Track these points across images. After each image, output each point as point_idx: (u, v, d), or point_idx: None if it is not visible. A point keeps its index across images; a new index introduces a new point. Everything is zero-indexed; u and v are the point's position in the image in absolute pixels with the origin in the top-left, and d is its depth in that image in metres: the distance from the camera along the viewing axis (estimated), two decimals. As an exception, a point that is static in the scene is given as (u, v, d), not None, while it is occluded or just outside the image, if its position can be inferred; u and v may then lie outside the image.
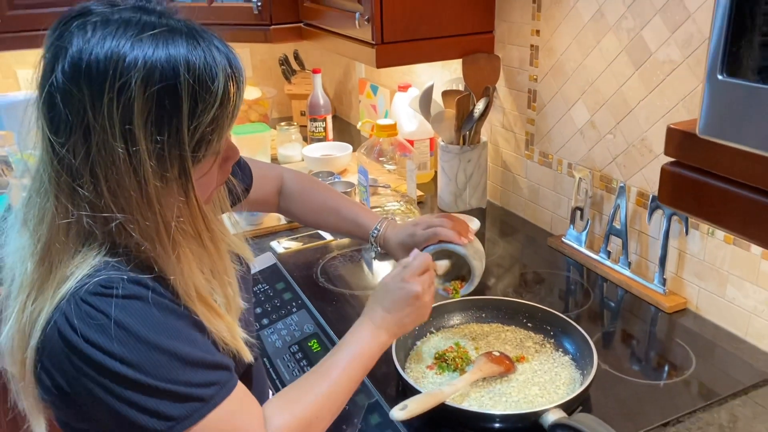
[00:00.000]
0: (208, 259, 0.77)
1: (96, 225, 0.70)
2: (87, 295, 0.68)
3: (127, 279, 0.69)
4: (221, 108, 0.70)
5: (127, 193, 0.68)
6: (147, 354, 0.68)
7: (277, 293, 1.35)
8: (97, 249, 0.71)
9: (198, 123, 0.68)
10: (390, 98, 2.14)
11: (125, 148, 0.66)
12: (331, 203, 1.21)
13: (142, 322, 0.68)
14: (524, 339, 1.15)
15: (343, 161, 2.00)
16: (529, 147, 1.63)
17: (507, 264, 1.50)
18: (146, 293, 0.70)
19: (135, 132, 0.66)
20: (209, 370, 0.73)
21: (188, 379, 0.70)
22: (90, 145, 0.66)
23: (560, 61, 1.46)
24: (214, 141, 0.71)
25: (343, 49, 1.66)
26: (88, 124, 0.66)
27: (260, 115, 2.43)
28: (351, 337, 0.90)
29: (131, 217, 0.69)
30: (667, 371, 1.10)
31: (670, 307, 1.24)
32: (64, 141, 0.67)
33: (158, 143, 0.67)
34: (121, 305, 0.68)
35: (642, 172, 1.32)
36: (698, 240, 1.21)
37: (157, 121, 0.67)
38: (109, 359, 0.67)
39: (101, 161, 0.67)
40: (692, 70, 1.16)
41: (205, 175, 0.74)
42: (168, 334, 0.70)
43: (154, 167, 0.68)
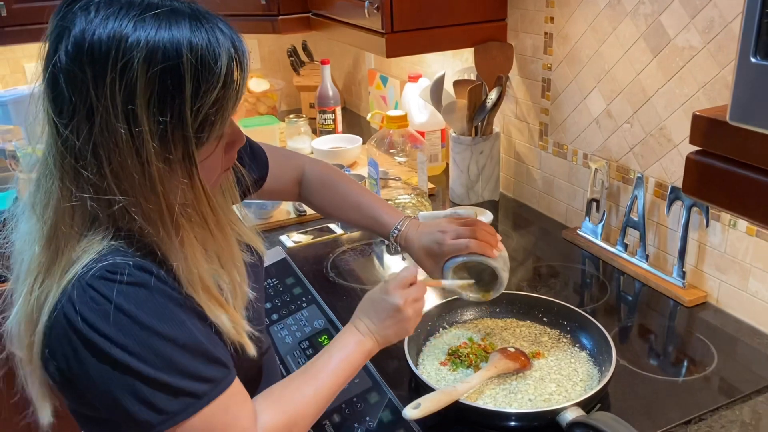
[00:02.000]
0: (214, 244, 0.76)
1: (100, 208, 0.69)
2: (92, 280, 0.68)
3: (133, 264, 0.69)
4: (224, 89, 0.69)
5: (130, 174, 0.67)
6: (147, 342, 0.68)
7: (286, 288, 1.32)
8: (103, 233, 0.71)
9: (201, 104, 0.68)
10: (400, 89, 2.10)
11: (128, 129, 0.66)
12: (352, 198, 1.15)
13: (145, 309, 0.68)
14: (540, 334, 1.12)
15: (352, 154, 1.97)
16: (543, 137, 1.59)
17: (521, 257, 1.47)
18: (151, 280, 0.69)
19: (137, 112, 0.65)
20: (208, 364, 0.72)
21: (186, 372, 0.70)
22: (93, 126, 0.66)
23: (575, 49, 1.43)
24: (217, 123, 0.70)
25: (352, 39, 1.62)
26: (91, 104, 0.65)
27: (269, 107, 2.41)
28: (337, 343, 0.89)
29: (134, 200, 0.68)
30: (688, 367, 1.07)
31: (690, 300, 1.21)
32: (67, 122, 0.66)
33: (161, 124, 0.66)
34: (125, 292, 0.68)
35: (660, 162, 1.28)
36: (719, 232, 1.18)
37: (159, 102, 0.66)
38: (110, 345, 0.67)
39: (104, 142, 0.66)
40: (713, 56, 1.12)
41: (209, 159, 0.74)
42: (170, 324, 0.69)
43: (156, 148, 0.67)
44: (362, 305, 0.94)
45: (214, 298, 0.75)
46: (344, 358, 0.86)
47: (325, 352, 0.88)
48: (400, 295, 0.91)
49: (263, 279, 0.99)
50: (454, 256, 1.01)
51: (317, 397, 0.83)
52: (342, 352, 0.87)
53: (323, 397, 0.84)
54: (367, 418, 0.97)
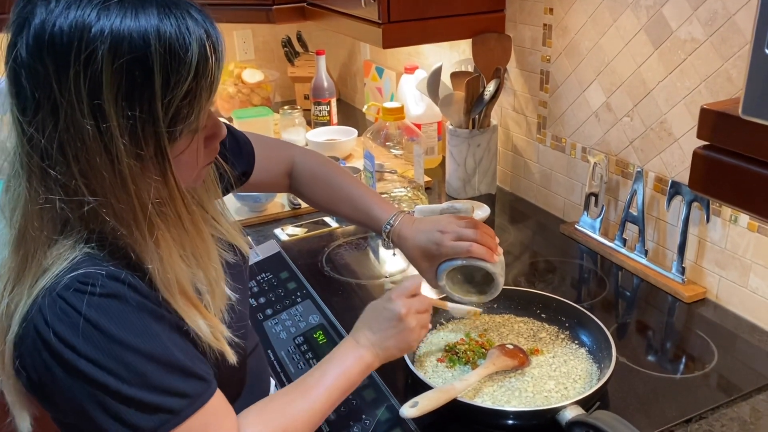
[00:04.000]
0: (189, 243, 0.73)
1: (70, 210, 0.66)
2: (63, 291, 0.65)
3: (106, 274, 0.66)
4: (197, 80, 0.65)
5: (99, 173, 0.64)
6: (119, 357, 0.65)
7: (281, 282, 1.30)
8: (75, 237, 0.68)
9: (172, 96, 0.63)
10: (396, 81, 2.08)
11: (95, 125, 0.62)
12: (343, 191, 1.11)
13: (118, 322, 0.65)
14: (538, 330, 1.10)
15: (348, 146, 1.95)
16: (541, 131, 1.57)
17: (518, 251, 1.45)
18: (124, 291, 0.66)
19: (104, 107, 0.62)
20: (184, 379, 0.69)
21: (161, 387, 0.67)
22: (58, 123, 0.62)
23: (575, 41, 1.41)
24: (191, 116, 0.66)
25: (348, 29, 1.60)
26: (55, 100, 0.62)
27: (262, 98, 2.38)
28: (334, 356, 0.86)
29: (104, 200, 0.65)
30: (688, 364, 1.06)
31: (689, 296, 1.20)
32: (31, 119, 0.63)
33: (130, 119, 0.63)
34: (97, 304, 0.65)
35: (660, 156, 1.26)
36: (719, 227, 1.16)
37: (127, 96, 0.62)
38: (80, 359, 0.64)
39: (70, 140, 0.63)
40: (716, 49, 1.10)
41: (185, 154, 0.70)
42: (144, 337, 0.66)
43: (126, 145, 0.63)
44: (363, 315, 0.91)
45: (191, 302, 0.72)
46: (341, 373, 0.83)
47: (321, 365, 0.85)
48: (403, 304, 0.88)
49: (247, 279, 0.95)
50: (452, 259, 0.98)
51: (310, 413, 0.80)
52: (339, 366, 0.84)
53: (316, 413, 0.80)
54: (363, 416, 0.95)
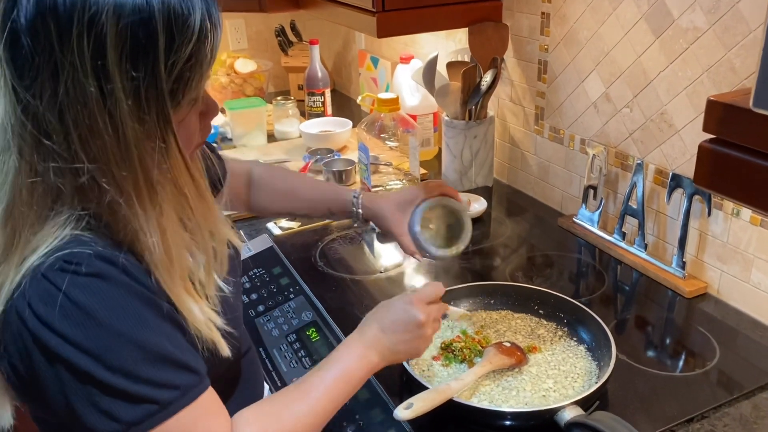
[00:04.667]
0: (193, 212, 0.70)
1: (64, 181, 0.63)
2: (48, 271, 0.62)
3: (94, 254, 0.63)
4: (199, 44, 0.63)
5: (101, 138, 0.61)
6: (103, 342, 0.61)
7: (273, 278, 1.28)
8: (66, 215, 0.65)
9: (175, 59, 0.62)
10: (391, 71, 2.04)
11: (98, 87, 0.60)
12: (303, 186, 1.18)
13: (105, 304, 0.62)
14: (536, 327, 1.08)
15: (342, 137, 1.91)
16: (538, 122, 1.54)
17: (514, 245, 1.42)
18: (112, 271, 0.63)
19: (108, 68, 0.60)
20: (174, 370, 0.66)
21: (148, 376, 0.63)
22: (58, 87, 0.60)
23: (573, 30, 1.37)
24: (192, 82, 0.65)
25: (342, 17, 1.56)
26: (56, 62, 0.59)
27: (256, 89, 2.34)
28: (338, 355, 0.82)
29: (105, 168, 0.62)
30: (689, 361, 1.04)
31: (690, 291, 1.17)
32: (29, 84, 0.60)
33: (134, 80, 0.61)
34: (83, 284, 0.62)
35: (661, 148, 1.23)
36: (721, 221, 1.14)
37: (131, 57, 0.60)
38: (63, 344, 0.61)
39: (71, 103, 0.60)
40: (719, 37, 1.07)
41: (183, 124, 0.68)
42: (131, 322, 0.63)
43: (130, 107, 0.61)
44: (375, 313, 0.87)
45: (185, 287, 0.69)
46: (345, 372, 0.80)
47: (324, 364, 0.81)
48: (424, 311, 0.85)
49: (240, 274, 0.92)
50: (425, 200, 1.04)
51: (310, 416, 0.76)
52: (343, 366, 0.80)
53: (317, 415, 0.76)
54: (356, 416, 0.93)
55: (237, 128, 1.97)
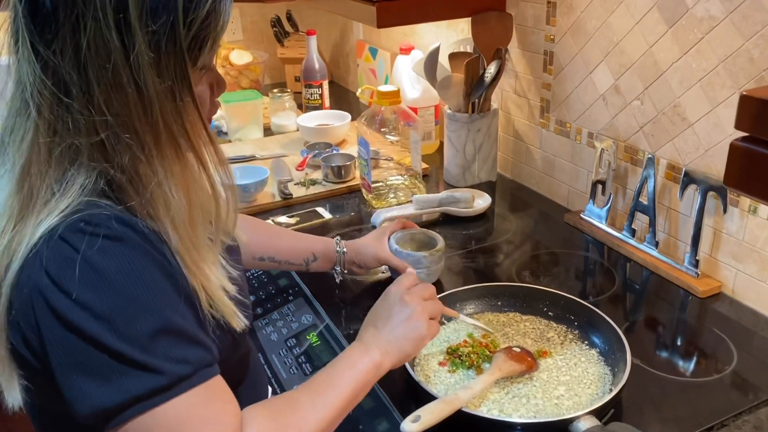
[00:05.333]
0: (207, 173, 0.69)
1: (83, 139, 0.62)
2: (66, 232, 0.61)
3: (113, 216, 0.62)
4: (215, 5, 0.64)
5: (123, 92, 0.61)
6: (121, 306, 0.59)
7: (271, 279, 1.23)
8: (84, 176, 0.63)
9: (194, 17, 0.63)
10: (391, 62, 1.99)
11: (120, 40, 0.60)
12: (284, 232, 1.21)
13: (123, 268, 0.60)
14: (545, 330, 1.04)
15: (341, 131, 1.86)
16: (544, 115, 1.49)
17: (520, 242, 1.38)
18: (133, 236, 0.62)
19: (131, 21, 0.60)
20: (188, 345, 0.63)
21: (161, 347, 0.61)
22: (80, 41, 0.60)
23: (581, 19, 1.32)
24: (207, 42, 0.65)
25: (340, 7, 1.51)
26: (78, 15, 0.59)
27: (251, 81, 2.28)
28: (343, 359, 0.80)
29: (128, 121, 0.62)
30: (705, 366, 1.00)
31: (704, 291, 1.13)
32: (50, 39, 0.60)
33: (155, 34, 0.61)
34: (102, 247, 0.60)
35: (673, 142, 1.19)
36: (737, 218, 1.10)
37: (152, 11, 0.61)
38: (75, 307, 0.59)
39: (93, 58, 0.60)
40: (737, 27, 1.02)
41: (197, 90, 0.67)
42: (150, 289, 0.61)
43: (152, 60, 0.61)
44: (366, 318, 0.87)
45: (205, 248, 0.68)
46: (351, 375, 0.77)
47: (331, 367, 0.79)
48: (401, 288, 0.85)
49: (241, 262, 0.89)
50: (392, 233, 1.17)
51: (321, 417, 0.73)
52: (345, 365, 0.78)
53: (327, 421, 0.73)
54: (360, 427, 0.89)
55: (232, 122, 1.92)
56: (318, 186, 1.61)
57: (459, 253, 1.33)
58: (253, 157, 1.78)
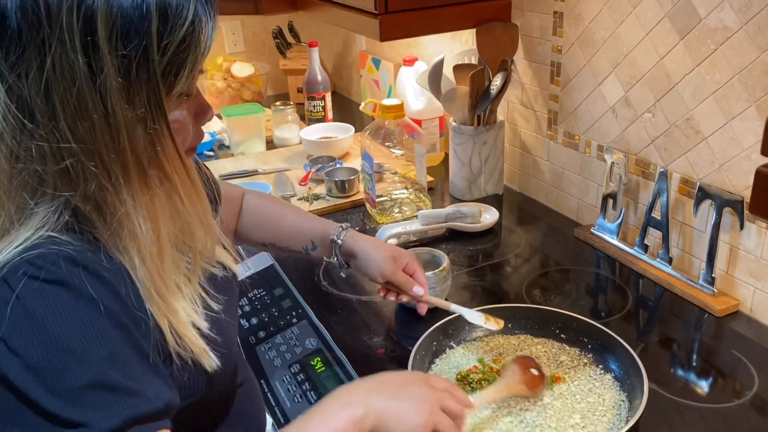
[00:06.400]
0: (183, 204, 0.66)
1: (47, 167, 0.60)
2: (8, 273, 0.58)
3: (64, 257, 0.59)
4: (192, 29, 0.61)
5: (89, 119, 0.59)
6: (49, 354, 0.56)
7: (274, 300, 1.20)
8: (47, 206, 0.61)
9: (169, 41, 0.60)
10: (394, 73, 1.96)
11: (87, 63, 0.57)
12: (289, 212, 1.10)
13: (57, 313, 0.58)
14: (558, 353, 1.00)
15: (344, 144, 1.83)
16: (551, 127, 1.46)
17: (528, 257, 1.35)
18: (79, 280, 0.59)
19: (99, 44, 0.57)
20: (123, 398, 0.58)
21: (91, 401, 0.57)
22: (45, 62, 0.57)
23: (589, 30, 1.29)
24: (185, 68, 0.62)
25: (342, 20, 1.48)
26: (44, 37, 0.57)
27: (253, 93, 2.26)
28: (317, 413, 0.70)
29: (93, 149, 0.60)
30: (725, 390, 0.96)
31: (721, 310, 1.10)
32: (15, 61, 0.58)
33: (125, 58, 0.58)
34: (39, 289, 0.58)
35: (687, 156, 1.15)
36: (754, 234, 1.06)
37: (122, 34, 0.58)
38: (3, 350, 0.56)
39: (59, 81, 0.58)
40: (752, 38, 0.99)
41: (178, 121, 0.65)
42: (85, 336, 0.58)
43: (121, 85, 0.59)
44: (365, 379, 0.77)
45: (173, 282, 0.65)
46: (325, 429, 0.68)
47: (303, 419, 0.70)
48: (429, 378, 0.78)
49: (235, 293, 0.85)
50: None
51: None
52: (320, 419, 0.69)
53: None
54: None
55: (235, 135, 1.90)
56: (321, 201, 1.58)
57: (466, 271, 1.29)
58: (256, 171, 1.76)
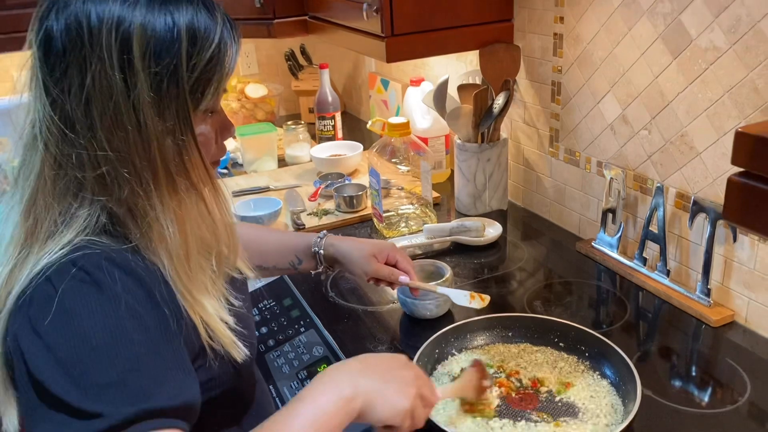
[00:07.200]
0: (207, 209, 0.72)
1: (85, 173, 0.66)
2: (54, 273, 0.64)
3: (106, 257, 0.65)
4: (219, 50, 0.69)
5: (124, 128, 0.65)
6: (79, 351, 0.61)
7: (283, 310, 1.24)
8: (88, 209, 0.67)
9: (197, 60, 0.67)
10: (402, 93, 2.02)
11: (123, 79, 0.64)
12: (269, 234, 1.17)
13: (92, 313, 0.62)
14: (556, 361, 1.04)
15: (353, 162, 1.89)
16: (553, 144, 1.51)
17: (531, 270, 1.38)
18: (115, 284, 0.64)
19: (134, 62, 0.64)
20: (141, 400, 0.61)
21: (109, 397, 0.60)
22: (86, 78, 0.64)
23: (587, 51, 1.34)
24: (211, 86, 0.69)
25: (351, 42, 1.54)
26: (85, 54, 0.64)
27: (266, 113, 2.33)
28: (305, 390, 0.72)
29: (127, 157, 0.66)
30: (719, 396, 0.99)
31: (717, 320, 1.13)
32: (59, 77, 0.65)
33: (157, 75, 0.65)
34: (80, 290, 0.63)
35: (681, 171, 1.19)
36: (747, 246, 1.09)
37: (155, 54, 0.65)
38: (40, 345, 0.61)
39: (97, 95, 0.65)
40: (740, 57, 1.03)
41: (202, 135, 0.72)
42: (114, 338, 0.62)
43: (153, 100, 0.65)
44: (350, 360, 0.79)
45: (200, 281, 0.70)
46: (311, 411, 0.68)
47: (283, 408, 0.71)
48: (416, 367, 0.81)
49: (248, 294, 0.90)
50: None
51: None
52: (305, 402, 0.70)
53: None
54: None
55: (248, 154, 1.96)
56: (330, 216, 1.63)
57: (471, 282, 1.33)
58: (267, 188, 1.81)
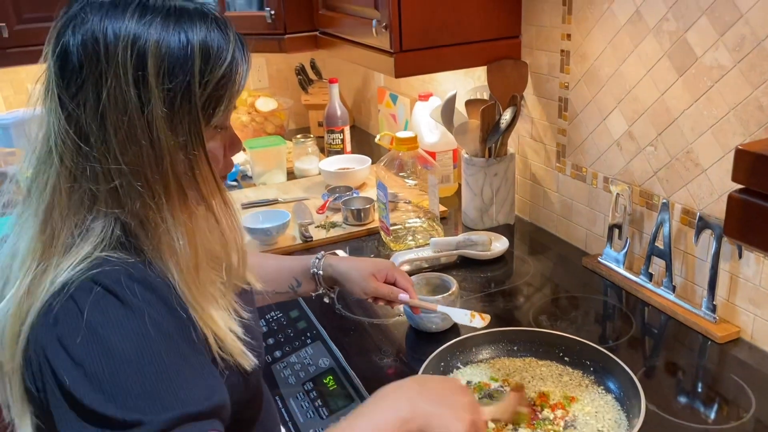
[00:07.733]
0: (217, 222, 0.74)
1: (99, 186, 0.68)
2: (77, 291, 0.65)
3: (125, 274, 0.66)
4: (230, 69, 0.70)
5: (137, 144, 0.67)
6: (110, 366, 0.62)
7: (290, 322, 1.26)
8: (102, 222, 0.68)
9: (209, 78, 0.69)
10: (410, 107, 2.04)
11: (137, 95, 0.66)
12: (266, 259, 1.16)
13: (119, 329, 0.64)
14: (561, 375, 1.04)
15: (361, 175, 1.91)
16: (560, 159, 1.52)
17: (538, 284, 1.39)
18: (137, 300, 0.66)
19: (148, 79, 0.66)
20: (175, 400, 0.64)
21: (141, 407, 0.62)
22: (101, 94, 0.66)
23: (594, 67, 1.36)
24: (223, 103, 0.71)
25: (360, 58, 1.57)
26: (101, 70, 0.65)
27: (276, 126, 2.35)
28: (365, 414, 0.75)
29: (140, 170, 0.67)
30: (723, 413, 0.99)
31: (722, 336, 1.13)
32: (75, 92, 0.66)
33: (170, 91, 0.67)
34: (104, 307, 0.64)
35: (687, 187, 1.20)
36: (753, 263, 1.10)
37: (169, 71, 0.67)
38: (69, 362, 0.62)
39: (112, 110, 0.66)
40: (745, 75, 1.04)
41: (211, 150, 0.73)
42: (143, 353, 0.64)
43: (166, 115, 0.67)
44: (409, 380, 0.81)
45: (210, 293, 0.72)
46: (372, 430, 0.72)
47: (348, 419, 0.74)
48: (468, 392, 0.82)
49: (255, 306, 0.92)
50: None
51: None
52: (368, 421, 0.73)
53: None
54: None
55: (257, 166, 1.98)
56: (338, 229, 1.65)
57: (477, 296, 1.34)
58: (276, 200, 1.83)
